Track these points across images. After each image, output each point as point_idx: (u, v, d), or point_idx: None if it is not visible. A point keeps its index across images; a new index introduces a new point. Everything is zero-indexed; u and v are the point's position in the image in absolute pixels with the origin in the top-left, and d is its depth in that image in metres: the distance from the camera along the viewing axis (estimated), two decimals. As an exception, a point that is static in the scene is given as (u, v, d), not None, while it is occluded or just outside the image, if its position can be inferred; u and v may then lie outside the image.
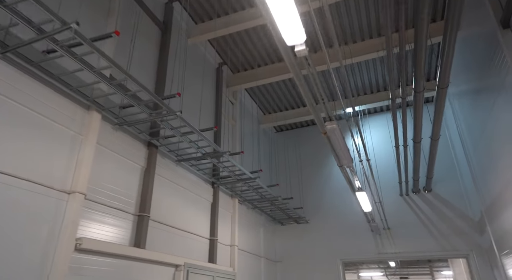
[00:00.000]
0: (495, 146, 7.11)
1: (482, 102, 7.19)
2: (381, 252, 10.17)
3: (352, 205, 11.01)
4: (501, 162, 6.95)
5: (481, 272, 8.98)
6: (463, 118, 8.92)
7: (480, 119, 7.57)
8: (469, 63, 7.42)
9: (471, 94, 7.82)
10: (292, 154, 12.66)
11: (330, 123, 3.85)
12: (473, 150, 8.52)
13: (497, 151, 7.04)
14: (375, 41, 8.58)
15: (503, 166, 6.90)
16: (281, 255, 11.26)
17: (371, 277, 24.39)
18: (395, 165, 10.87)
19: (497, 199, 7.54)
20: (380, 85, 10.61)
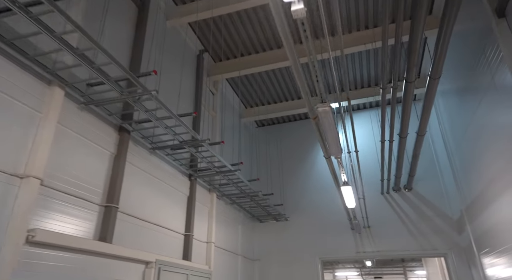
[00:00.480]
0: (478, 146, 7.04)
1: (468, 102, 7.13)
2: (360, 251, 10.00)
3: (333, 203, 10.80)
4: (483, 162, 6.88)
5: (459, 271, 8.95)
6: (447, 117, 8.86)
7: (464, 118, 7.50)
8: (456, 61, 7.33)
9: (457, 93, 7.74)
10: (273, 150, 12.33)
11: (323, 105, 3.50)
12: (455, 149, 8.46)
13: (480, 151, 6.97)
14: (362, 33, 8.36)
15: (485, 165, 6.83)
16: (259, 253, 10.89)
17: (346, 276, 24.49)
18: (377, 163, 10.75)
19: (478, 198, 7.48)
20: (364, 81, 10.45)
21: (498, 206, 6.58)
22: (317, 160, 11.56)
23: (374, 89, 10.47)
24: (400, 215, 10.02)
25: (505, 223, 6.35)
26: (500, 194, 6.38)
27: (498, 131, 5.96)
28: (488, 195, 6.93)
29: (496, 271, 7.09)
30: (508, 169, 5.88)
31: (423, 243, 9.51)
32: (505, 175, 6.05)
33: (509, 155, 5.76)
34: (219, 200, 8.78)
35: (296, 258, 10.44)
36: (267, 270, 10.58)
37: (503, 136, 5.76)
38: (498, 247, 6.83)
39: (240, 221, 10.05)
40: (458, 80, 7.46)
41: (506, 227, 6.34)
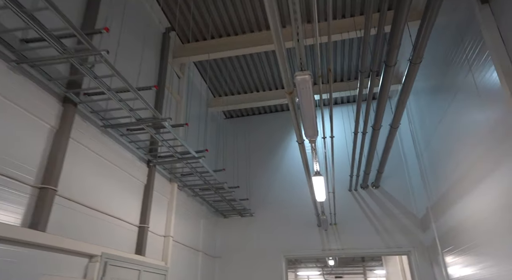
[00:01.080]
0: (447, 145, 6.97)
1: (439, 102, 7.08)
2: (326, 248, 9.74)
3: (300, 199, 10.47)
4: (451, 161, 6.82)
5: (421, 269, 8.91)
6: (417, 116, 8.79)
7: (435, 117, 7.43)
8: (430, 60, 7.23)
9: (429, 91, 7.66)
10: (240, 143, 11.81)
11: (302, 73, 3.03)
12: (424, 148, 8.40)
13: (449, 151, 6.90)
14: (338, 23, 8.06)
15: (453, 165, 6.77)
16: (221, 250, 10.32)
17: (308, 276, 24.48)
18: (347, 160, 10.56)
19: (444, 196, 7.43)
20: (337, 75, 10.22)
21: (463, 205, 6.52)
22: (285, 155, 11.19)
23: (349, 84, 10.27)
24: (366, 213, 9.87)
25: (469, 221, 6.29)
26: (466, 193, 6.32)
27: (467, 131, 5.92)
28: (454, 193, 6.87)
29: (458, 269, 7.05)
30: (474, 169, 5.84)
31: (388, 241, 9.41)
32: (471, 174, 6.01)
33: (476, 155, 5.70)
34: (180, 191, 8.12)
35: (259, 256, 9.99)
36: (229, 268, 10.04)
37: (472, 136, 5.72)
38: (461, 245, 6.77)
39: (202, 215, 9.43)
40: (431, 78, 7.37)
41: (470, 226, 6.28)
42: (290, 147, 11.28)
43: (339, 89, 10.33)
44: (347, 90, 10.15)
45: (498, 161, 4.98)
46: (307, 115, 3.57)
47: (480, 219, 5.85)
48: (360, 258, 23.36)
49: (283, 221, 10.30)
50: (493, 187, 5.25)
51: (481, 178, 5.64)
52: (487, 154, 5.30)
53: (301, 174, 10.78)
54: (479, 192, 5.77)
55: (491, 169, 5.26)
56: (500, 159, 4.92)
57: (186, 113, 9.00)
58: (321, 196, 6.55)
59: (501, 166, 4.93)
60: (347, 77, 10.27)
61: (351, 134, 10.85)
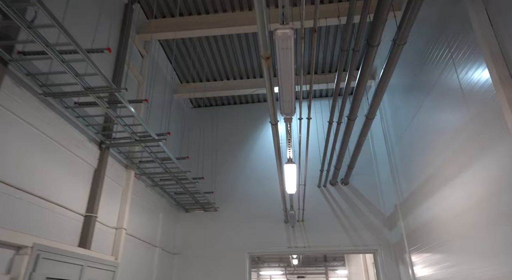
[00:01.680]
0: (418, 143, 6.83)
1: (412, 99, 6.97)
2: (292, 245, 9.34)
3: (268, 194, 10.01)
4: (423, 159, 6.67)
5: (387, 268, 8.75)
6: (390, 112, 8.63)
7: (408, 114, 7.28)
8: (406, 57, 7.05)
9: (403, 89, 7.51)
10: (207, 134, 11.16)
11: (283, 27, 2.52)
12: (396, 145, 8.23)
13: (420, 149, 6.75)
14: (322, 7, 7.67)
15: (424, 163, 6.62)
16: (181, 246, 9.62)
17: (271, 276, 24.18)
18: (318, 156, 10.25)
19: (414, 194, 7.27)
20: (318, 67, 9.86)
21: (432, 203, 6.37)
22: (254, 149, 10.70)
23: (326, 77, 9.95)
24: (334, 210, 9.60)
25: (438, 219, 6.13)
26: (436, 191, 6.17)
27: (439, 129, 5.82)
28: (424, 191, 6.71)
29: (425, 268, 6.89)
30: (445, 167, 5.75)
31: (355, 239, 9.18)
32: (441, 173, 5.91)
33: (447, 154, 5.58)
34: (138, 180, 7.37)
35: (222, 253, 9.40)
36: (188, 265, 9.36)
37: (444, 134, 5.64)
38: (429, 244, 6.62)
39: (162, 208, 8.70)
40: (406, 75, 7.19)
41: (439, 224, 6.13)
42: (260, 142, 10.80)
43: (317, 81, 9.98)
44: (324, 82, 9.83)
45: (469, 160, 4.91)
46: (285, 84, 3.08)
47: (450, 217, 5.70)
48: (323, 257, 23.40)
49: (249, 217, 9.79)
50: (464, 186, 5.14)
51: (452, 177, 5.53)
52: (459, 152, 5.21)
53: (270, 169, 10.34)
54: (450, 190, 5.64)
55: (462, 168, 5.17)
56: (471, 158, 4.86)
57: (149, 96, 8.24)
58: (291, 187, 6.09)
59: (472, 165, 4.83)
60: (327, 69, 9.95)
61: (324, 132, 10.56)
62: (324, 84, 9.88)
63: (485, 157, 4.46)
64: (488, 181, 4.48)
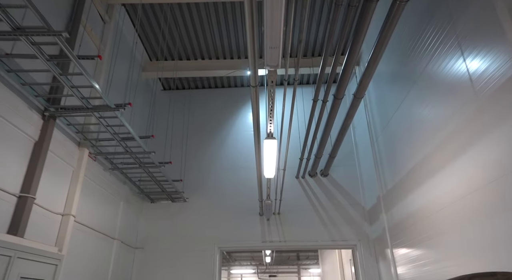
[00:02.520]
0: (404, 132, 6.36)
1: (398, 88, 6.54)
2: (267, 240, 8.64)
3: (243, 184, 9.26)
4: (408, 149, 6.20)
5: (366, 264, 8.23)
6: (375, 99, 8.11)
7: (394, 102, 6.79)
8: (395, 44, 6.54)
9: (389, 75, 7.02)
10: (178, 119, 10.26)
11: None
12: (380, 134, 7.72)
13: (406, 138, 6.27)
14: (303, -21, 7.02)
15: (410, 153, 6.16)
16: (144, 240, 8.68)
17: (241, 274, 23.43)
18: (297, 145, 9.60)
19: (398, 185, 6.77)
20: (308, 49, 9.21)
21: (418, 195, 5.89)
22: (229, 137, 9.91)
23: (313, 60, 9.31)
24: (313, 203, 8.99)
25: (424, 212, 5.65)
26: (422, 182, 5.71)
27: (426, 119, 5.42)
28: (410, 182, 6.22)
29: (407, 263, 6.39)
30: (432, 157, 5.39)
31: (334, 234, 8.60)
32: (428, 163, 5.50)
33: (435, 143, 5.18)
34: (94, 162, 6.41)
35: (190, 248, 8.55)
36: (151, 261, 8.44)
37: (432, 123, 5.24)
38: (414, 238, 6.11)
39: (123, 196, 7.74)
40: (393, 62, 6.68)
41: (423, 217, 5.64)
42: (236, 129, 10.03)
43: (304, 65, 9.32)
44: (311, 66, 9.19)
45: (457, 151, 4.57)
46: (273, 24, 2.35)
47: (436, 209, 5.21)
48: (295, 256, 22.94)
49: (221, 208, 8.99)
50: (452, 177, 4.76)
51: (439, 168, 5.11)
52: (447, 143, 4.79)
53: (246, 158, 9.59)
54: (437, 181, 5.19)
55: (450, 159, 4.75)
56: (458, 150, 4.52)
57: (111, 70, 7.27)
58: (270, 170, 5.37)
59: (461, 155, 4.47)
60: (316, 52, 9.31)
61: (305, 120, 9.93)
62: (309, 68, 9.24)
63: (472, 149, 4.22)
64: (477, 172, 4.06)
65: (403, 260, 6.65)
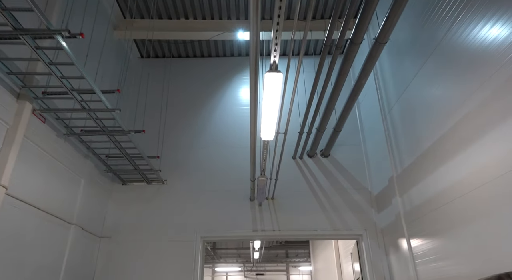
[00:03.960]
0: (426, 99, 5.27)
1: (414, 57, 5.38)
2: (259, 228, 7.38)
3: (231, 164, 7.98)
4: (432, 119, 5.06)
5: (373, 257, 7.05)
6: (389, 65, 6.96)
7: (413, 65, 5.65)
8: (412, 11, 5.40)
9: (408, 39, 5.87)
10: (157, 91, 8.89)
11: None
12: (396, 104, 6.57)
13: (428, 106, 5.16)
14: None
15: (433, 124, 5.03)
16: (112, 228, 7.29)
17: (227, 273, 22.10)
18: (296, 118, 8.36)
19: (418, 163, 5.65)
20: (318, 11, 7.97)
21: (443, 173, 4.77)
22: (216, 111, 8.60)
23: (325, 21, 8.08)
24: (312, 187, 7.77)
25: (451, 194, 4.51)
26: (448, 158, 4.59)
27: (454, 81, 4.25)
28: (432, 158, 5.10)
29: (429, 255, 5.25)
30: (461, 127, 4.30)
31: (336, 222, 7.41)
32: (457, 134, 4.41)
33: (466, 110, 4.00)
34: (43, 124, 5.01)
35: (168, 238, 7.21)
36: (121, 252, 7.06)
37: (461, 87, 4.05)
38: (438, 226, 4.99)
39: (85, 174, 6.35)
40: (410, 31, 5.53)
41: (452, 200, 4.51)
42: (223, 104, 8.72)
43: (314, 28, 8.08)
44: (320, 30, 7.96)
45: (490, 122, 3.39)
46: None
47: (469, 189, 4.10)
48: (284, 253, 21.76)
49: (205, 192, 7.68)
50: (489, 148, 3.61)
51: (471, 138, 4.01)
52: (482, 109, 3.66)
53: (234, 136, 8.30)
54: (469, 154, 4.08)
55: (485, 127, 3.62)
56: (495, 117, 3.44)
57: (71, 22, 5.86)
58: (270, 128, 4.10)
59: (494, 128, 3.32)
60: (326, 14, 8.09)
61: (306, 95, 8.71)
62: (319, 32, 8.02)
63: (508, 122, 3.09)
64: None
65: (424, 252, 5.50)
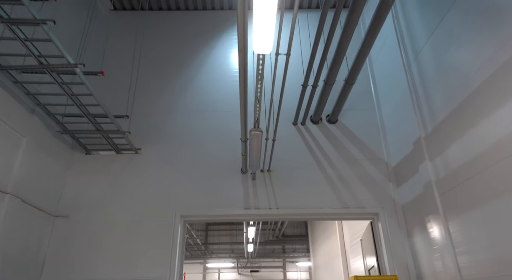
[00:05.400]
0: (467, 35, 3.92)
1: None
2: (252, 205, 6.02)
3: (217, 130, 6.63)
4: (476, 59, 3.74)
5: (392, 241, 5.72)
6: (413, 8, 5.65)
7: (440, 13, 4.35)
8: None
9: None
10: (130, 46, 7.50)
11: None
12: (425, 47, 5.28)
13: (472, 42, 3.84)
14: None
15: (478, 62, 3.69)
16: (71, 205, 5.89)
17: (219, 269, 20.71)
18: (298, 74, 7.02)
19: (455, 115, 4.34)
20: None
21: (494, 124, 3.44)
22: (200, 73, 7.24)
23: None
24: (317, 157, 6.44)
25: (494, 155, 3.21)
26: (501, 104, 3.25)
27: None
28: (476, 107, 3.78)
29: (478, 239, 3.96)
30: None
31: (346, 199, 6.07)
32: None
33: None
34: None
35: (140, 218, 5.83)
36: (80, 236, 5.66)
37: None
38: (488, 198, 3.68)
39: (29, 132, 4.95)
40: None
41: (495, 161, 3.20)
42: (208, 64, 7.36)
43: None
44: None
45: None
46: None
47: None
48: (281, 248, 20.43)
49: (187, 163, 6.32)
50: None
51: None
52: None
53: (220, 100, 6.95)
54: None
55: None
56: None
57: None
58: (266, 38, 2.75)
59: None
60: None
61: (310, 40, 7.38)
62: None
63: None
64: None
65: (469, 236, 4.19)
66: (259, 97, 3.77)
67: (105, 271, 5.41)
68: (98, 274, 5.39)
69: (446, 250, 4.60)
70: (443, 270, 4.68)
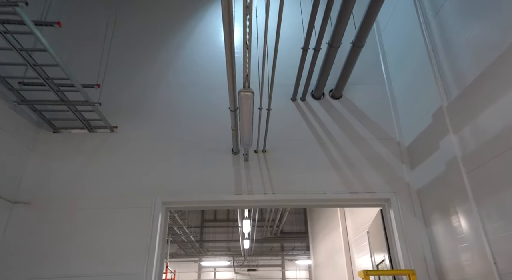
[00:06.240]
0: None
1: None
2: (244, 190, 5.21)
3: (203, 107, 5.82)
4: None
5: (406, 231, 4.92)
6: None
7: None
8: None
9: None
10: (100, 16, 6.67)
11: None
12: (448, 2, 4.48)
13: None
14: None
15: None
16: (33, 191, 5.06)
17: (215, 268, 19.89)
18: (295, 54, 6.22)
19: (489, 74, 3.54)
20: None
21: None
22: (185, 45, 6.42)
23: None
24: (319, 136, 5.63)
25: None
26: None
27: None
28: None
29: None
30: None
31: (353, 182, 5.27)
32: None
33: None
34: None
35: (115, 205, 5.01)
36: (43, 225, 4.84)
37: None
38: None
39: (-25, 99, 4.12)
40: None
41: None
42: (195, 36, 6.54)
43: None
44: None
45: None
46: None
47: None
48: (279, 246, 19.64)
49: (170, 143, 5.50)
50: None
51: None
52: None
53: (206, 75, 6.14)
54: None
55: None
56: None
57: None
58: None
59: None
60: None
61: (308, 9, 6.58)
62: None
63: None
64: None
65: (505, 218, 3.40)
66: (248, 43, 2.96)
67: (72, 267, 4.59)
68: (63, 270, 4.57)
69: (476, 239, 3.80)
70: (472, 262, 3.88)
